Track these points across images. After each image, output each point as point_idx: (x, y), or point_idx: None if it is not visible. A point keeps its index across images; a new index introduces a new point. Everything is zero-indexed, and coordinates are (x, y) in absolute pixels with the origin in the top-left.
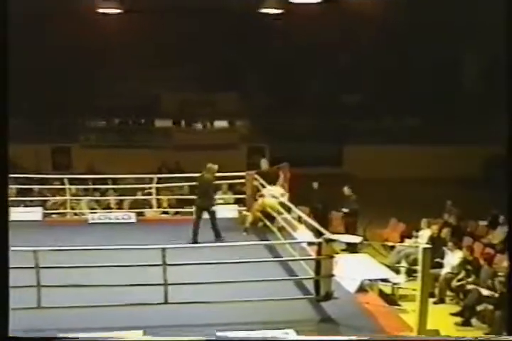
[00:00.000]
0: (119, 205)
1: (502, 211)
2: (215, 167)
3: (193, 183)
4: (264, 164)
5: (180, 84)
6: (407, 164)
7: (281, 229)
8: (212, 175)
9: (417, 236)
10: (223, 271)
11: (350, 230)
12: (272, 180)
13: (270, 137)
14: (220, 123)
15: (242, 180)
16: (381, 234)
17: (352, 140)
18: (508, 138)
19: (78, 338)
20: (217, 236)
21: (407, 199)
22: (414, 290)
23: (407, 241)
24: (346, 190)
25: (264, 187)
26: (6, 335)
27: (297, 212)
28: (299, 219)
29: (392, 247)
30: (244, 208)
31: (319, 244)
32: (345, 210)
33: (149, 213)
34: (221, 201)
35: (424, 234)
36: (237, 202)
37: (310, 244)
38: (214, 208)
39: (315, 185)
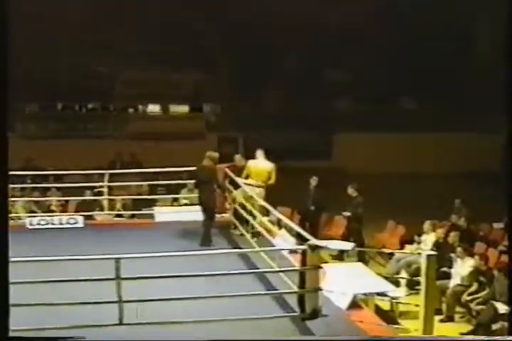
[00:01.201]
0: (64, 207)
1: None
2: (216, 155)
3: (155, 182)
4: (240, 160)
5: (138, 62)
6: (407, 156)
7: (256, 234)
8: (214, 165)
9: (419, 242)
10: (190, 285)
11: (352, 238)
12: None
13: (244, 125)
14: (185, 109)
15: None
16: (377, 239)
17: (342, 127)
18: (508, 138)
19: (79, 338)
20: (204, 243)
21: (407, 198)
22: (416, 305)
23: (408, 248)
24: (350, 189)
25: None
26: (6, 335)
27: (276, 214)
28: (279, 223)
29: (391, 255)
30: None
31: (303, 252)
32: (347, 214)
33: (100, 216)
34: (186, 201)
35: (428, 239)
36: None
37: (292, 251)
38: (213, 206)
39: (313, 182)
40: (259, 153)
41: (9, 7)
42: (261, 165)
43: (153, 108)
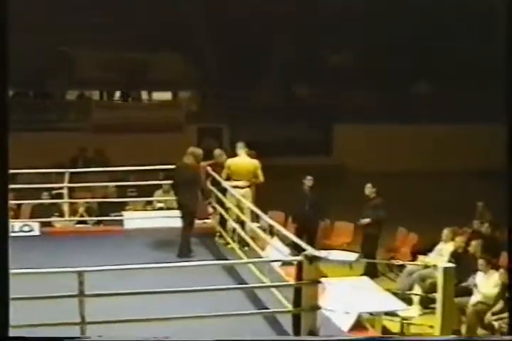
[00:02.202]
0: (16, 212)
1: None
2: (200, 151)
3: (125, 183)
4: (219, 156)
5: (104, 39)
6: (418, 151)
7: (245, 243)
8: (195, 163)
9: (435, 252)
10: (165, 302)
11: (367, 248)
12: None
13: (229, 114)
14: (160, 96)
15: None
16: (386, 248)
17: (344, 118)
18: (508, 137)
19: (81, 338)
20: (183, 254)
21: (420, 200)
22: (431, 327)
23: (422, 259)
24: (368, 189)
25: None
26: (6, 335)
27: (267, 220)
28: (271, 230)
29: (401, 267)
30: None
31: (299, 264)
32: (365, 221)
33: (60, 223)
34: (161, 205)
35: (446, 249)
36: None
37: (286, 263)
38: (193, 211)
39: (308, 182)
40: (240, 147)
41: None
42: (242, 162)
43: (124, 95)
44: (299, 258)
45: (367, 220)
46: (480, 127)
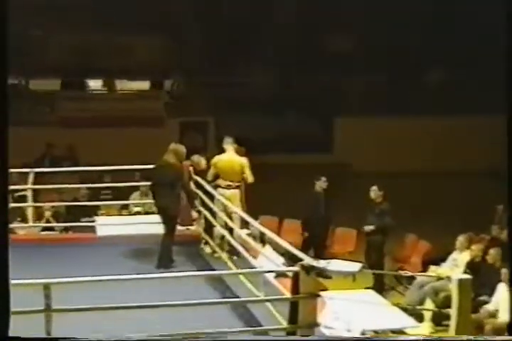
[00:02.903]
0: None
1: None
2: (183, 149)
3: (98, 184)
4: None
5: (75, 22)
6: (429, 147)
7: (234, 252)
8: (178, 161)
9: (452, 262)
10: (142, 318)
11: (371, 258)
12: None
13: (216, 106)
14: (138, 85)
15: None
16: (393, 258)
17: (347, 110)
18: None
19: (81, 339)
20: (163, 264)
21: (430, 203)
22: None
23: (434, 270)
24: (374, 192)
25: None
26: (6, 335)
27: (257, 226)
28: (262, 238)
29: (411, 279)
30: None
31: (295, 276)
32: (369, 228)
33: (23, 230)
34: (138, 209)
35: (461, 258)
36: None
37: (280, 275)
38: (175, 215)
39: (321, 184)
40: (228, 143)
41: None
42: (228, 160)
43: (95, 84)
44: (295, 268)
45: (371, 227)
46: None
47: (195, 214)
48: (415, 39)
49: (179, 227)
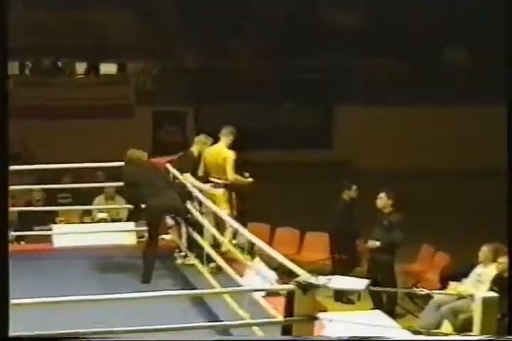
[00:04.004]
0: None
1: None
2: (141, 153)
3: (55, 186)
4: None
5: None
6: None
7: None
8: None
9: (476, 277)
10: None
11: (381, 276)
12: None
13: (196, 94)
14: (104, 69)
15: None
16: (405, 272)
17: (347, 98)
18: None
19: (81, 338)
20: (146, 278)
21: (449, 208)
22: None
23: (454, 287)
24: (382, 200)
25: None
26: (6, 335)
27: (247, 235)
28: (251, 249)
29: (427, 297)
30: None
31: (290, 295)
32: (374, 244)
33: None
34: (103, 215)
35: (486, 273)
36: (135, 216)
37: (271, 293)
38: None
39: (353, 193)
40: (224, 134)
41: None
42: (216, 152)
43: (53, 67)
44: (290, 286)
45: (377, 243)
46: None
47: (170, 221)
48: (434, 15)
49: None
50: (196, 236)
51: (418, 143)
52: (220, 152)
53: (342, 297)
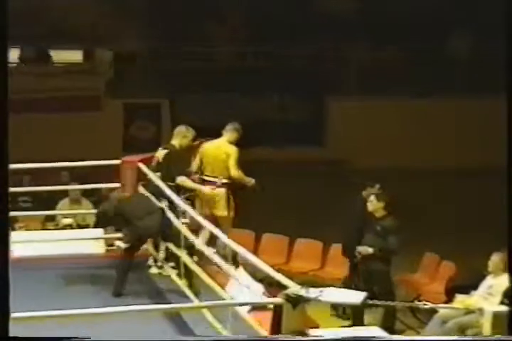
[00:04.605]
0: None
1: None
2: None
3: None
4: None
5: None
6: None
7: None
8: None
9: (486, 290)
10: None
11: (378, 286)
12: None
13: (172, 84)
14: (67, 56)
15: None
16: (407, 284)
17: (343, 88)
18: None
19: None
20: (118, 290)
21: (453, 211)
22: None
23: (461, 300)
24: (373, 202)
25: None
26: (6, 335)
27: (228, 243)
28: (233, 258)
29: (431, 312)
30: (118, 235)
31: (277, 309)
32: (366, 250)
33: None
34: (68, 221)
35: (497, 285)
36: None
37: (257, 307)
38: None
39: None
40: (228, 130)
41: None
42: (217, 147)
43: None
44: (278, 299)
45: (370, 250)
46: None
47: None
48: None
49: (123, 245)
50: (173, 247)
51: (419, 140)
52: (221, 147)
53: (339, 311)
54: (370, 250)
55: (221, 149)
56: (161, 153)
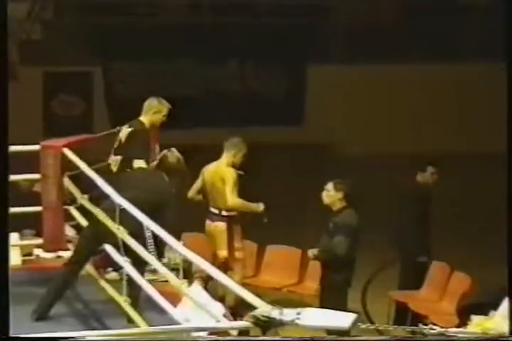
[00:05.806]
0: None
1: None
2: None
3: None
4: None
5: None
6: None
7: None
8: None
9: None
10: None
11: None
12: None
13: (107, 48)
14: None
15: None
16: (407, 300)
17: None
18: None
19: (81, 338)
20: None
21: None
22: None
23: (478, 322)
24: (331, 192)
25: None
26: (7, 335)
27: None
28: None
29: (441, 335)
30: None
31: (243, 335)
32: (312, 252)
33: None
34: None
35: None
36: (24, 223)
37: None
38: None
39: (430, 177)
40: (228, 147)
41: None
42: (214, 171)
43: None
44: (243, 323)
45: (314, 252)
46: None
47: (70, 233)
48: None
49: (44, 254)
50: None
51: (418, 116)
52: (218, 171)
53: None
54: (315, 251)
55: (218, 174)
56: (124, 133)
